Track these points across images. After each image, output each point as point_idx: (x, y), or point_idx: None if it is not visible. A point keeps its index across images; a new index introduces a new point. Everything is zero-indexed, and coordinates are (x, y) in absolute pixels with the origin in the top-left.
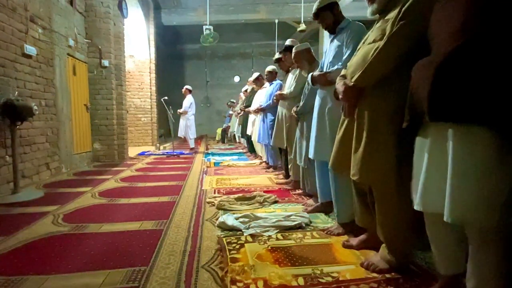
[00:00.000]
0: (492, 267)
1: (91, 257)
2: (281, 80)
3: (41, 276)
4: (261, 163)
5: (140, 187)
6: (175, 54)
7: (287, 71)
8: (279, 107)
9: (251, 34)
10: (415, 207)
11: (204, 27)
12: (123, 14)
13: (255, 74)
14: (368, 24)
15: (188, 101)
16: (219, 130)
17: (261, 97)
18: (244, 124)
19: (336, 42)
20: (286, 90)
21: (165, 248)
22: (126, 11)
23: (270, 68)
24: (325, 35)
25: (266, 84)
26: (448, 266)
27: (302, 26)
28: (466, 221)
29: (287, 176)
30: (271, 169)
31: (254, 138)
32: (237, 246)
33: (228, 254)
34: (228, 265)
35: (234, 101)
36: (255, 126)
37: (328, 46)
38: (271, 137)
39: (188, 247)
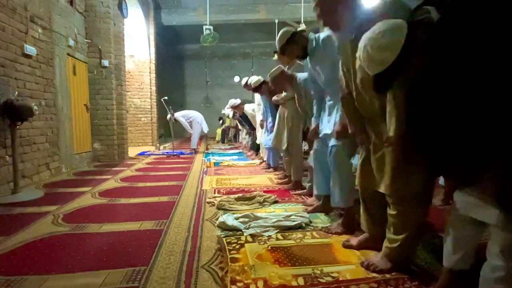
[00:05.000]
0: None
1: (91, 257)
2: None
3: (41, 276)
4: (261, 163)
5: (140, 187)
6: (175, 54)
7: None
8: (280, 108)
9: (251, 34)
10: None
11: (204, 27)
12: (123, 14)
13: (236, 102)
14: None
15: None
16: (219, 130)
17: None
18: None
19: (315, 65)
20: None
21: (165, 248)
22: (126, 11)
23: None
24: None
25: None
26: (460, 262)
27: (302, 26)
28: None
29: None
30: (271, 169)
31: (260, 141)
32: (237, 246)
33: (228, 254)
34: (228, 265)
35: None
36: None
37: (309, 65)
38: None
39: (188, 247)
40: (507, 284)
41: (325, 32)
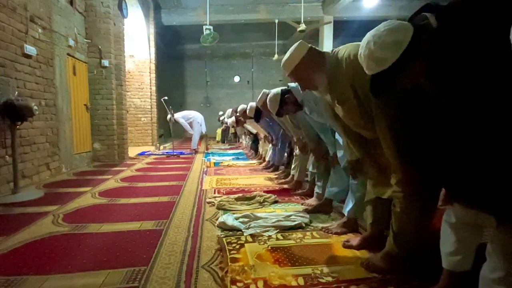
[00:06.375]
0: None
1: (91, 257)
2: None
3: (41, 276)
4: (260, 163)
5: (140, 187)
6: (175, 54)
7: None
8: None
9: (251, 34)
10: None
11: (204, 27)
12: (123, 14)
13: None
14: (368, 24)
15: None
16: (219, 131)
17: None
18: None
19: (310, 112)
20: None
21: (165, 248)
22: (126, 11)
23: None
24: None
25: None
26: (460, 263)
27: (302, 26)
28: None
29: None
30: (271, 169)
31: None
32: (237, 246)
33: (228, 254)
34: (228, 265)
35: (224, 119)
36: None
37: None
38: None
39: (188, 247)
40: (506, 284)
41: None
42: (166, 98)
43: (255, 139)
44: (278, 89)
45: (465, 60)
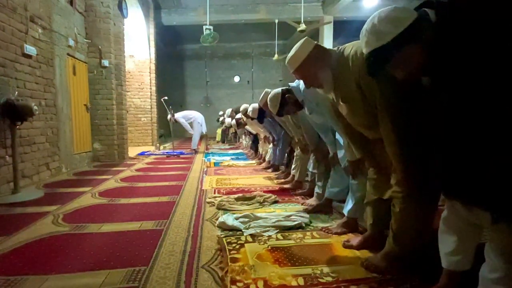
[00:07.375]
0: None
1: (91, 257)
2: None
3: (41, 276)
4: (260, 163)
5: (140, 187)
6: (175, 54)
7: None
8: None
9: (251, 34)
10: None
11: (204, 27)
12: (123, 14)
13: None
14: None
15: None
16: (219, 131)
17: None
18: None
19: (311, 111)
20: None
21: (165, 248)
22: (126, 11)
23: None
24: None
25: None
26: (460, 263)
27: (302, 26)
28: None
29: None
30: (270, 169)
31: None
32: (237, 246)
33: (228, 254)
34: (228, 265)
35: (224, 119)
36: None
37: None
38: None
39: (188, 247)
40: (505, 284)
41: None
42: (166, 98)
43: (255, 139)
44: (278, 89)
45: (464, 57)
